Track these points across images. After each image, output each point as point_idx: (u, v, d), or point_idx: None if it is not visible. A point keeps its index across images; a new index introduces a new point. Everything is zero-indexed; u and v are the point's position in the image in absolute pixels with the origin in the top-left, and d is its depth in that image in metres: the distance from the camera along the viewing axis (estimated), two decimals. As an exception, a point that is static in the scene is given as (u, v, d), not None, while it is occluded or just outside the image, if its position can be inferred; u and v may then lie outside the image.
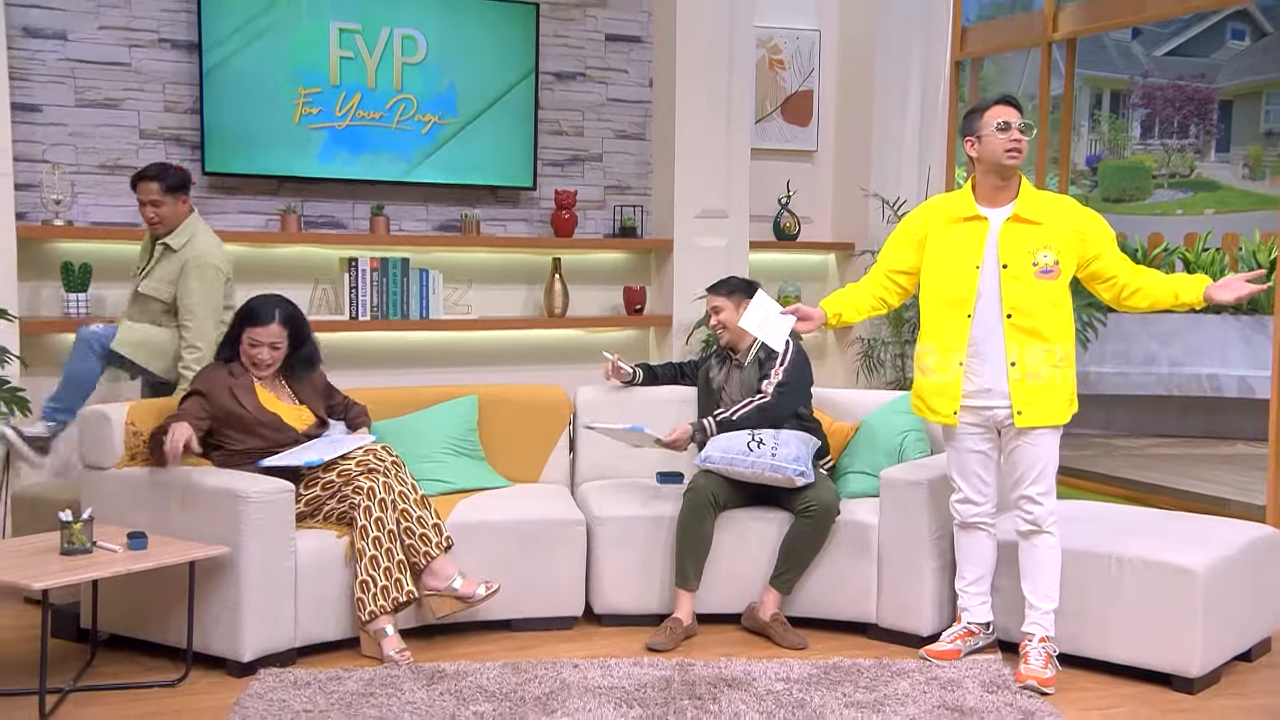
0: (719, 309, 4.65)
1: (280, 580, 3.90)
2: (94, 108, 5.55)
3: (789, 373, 4.49)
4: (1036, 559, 3.86)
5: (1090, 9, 6.20)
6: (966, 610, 4.08)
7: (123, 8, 5.57)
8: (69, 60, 5.51)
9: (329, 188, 5.97)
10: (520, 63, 6.17)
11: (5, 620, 4.45)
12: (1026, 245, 3.79)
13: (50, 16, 5.46)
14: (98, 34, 5.54)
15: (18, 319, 5.13)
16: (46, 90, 5.48)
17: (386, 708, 3.52)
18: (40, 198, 5.42)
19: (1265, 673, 4.07)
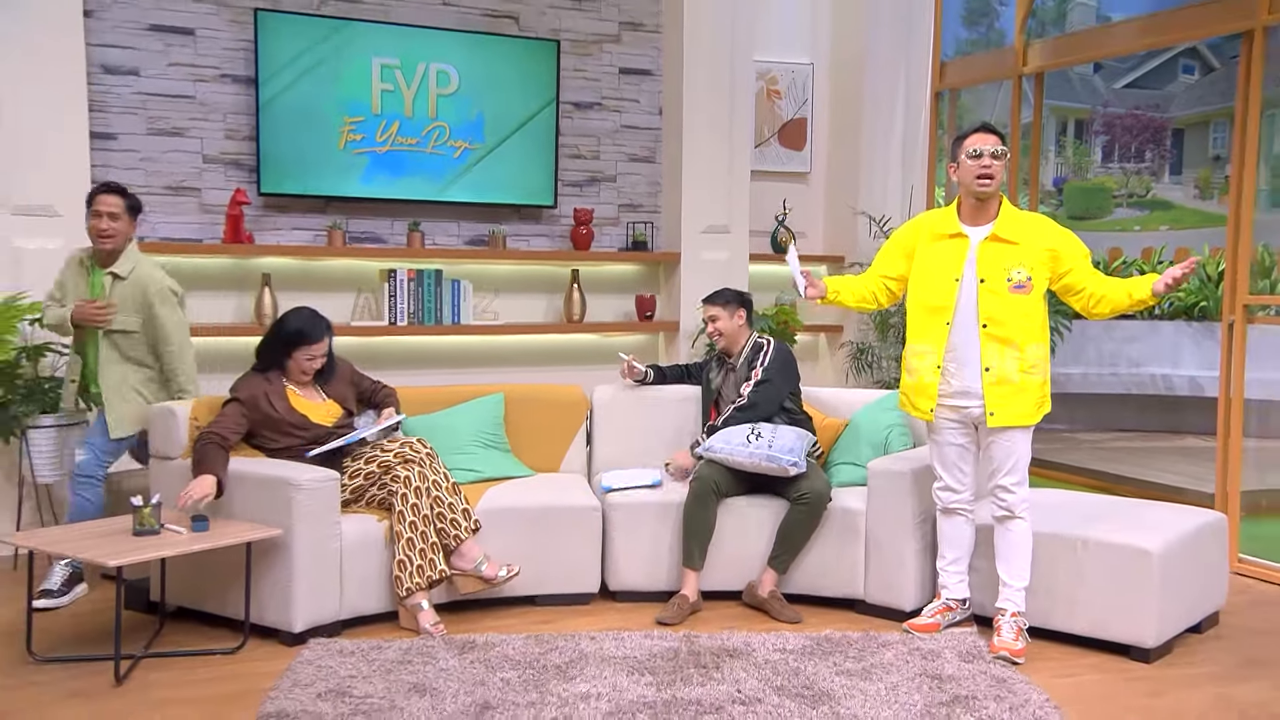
0: (715, 318, 4.63)
1: (327, 559, 3.91)
2: (163, 136, 5.56)
3: (768, 370, 4.49)
4: (1010, 542, 3.87)
5: (1056, 46, 6.18)
6: (946, 587, 4.08)
7: (189, 47, 5.58)
8: (141, 94, 5.52)
9: (371, 206, 5.97)
10: (542, 93, 6.17)
11: (84, 594, 4.47)
12: (1002, 262, 3.77)
13: (125, 55, 5.47)
14: (167, 70, 5.55)
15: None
16: (121, 120, 5.49)
17: (422, 674, 3.52)
18: (113, 215, 5.44)
19: (1213, 643, 4.06)
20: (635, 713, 3.24)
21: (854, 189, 6.85)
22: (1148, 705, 3.44)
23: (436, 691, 3.38)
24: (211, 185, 5.67)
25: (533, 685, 3.44)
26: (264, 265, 5.71)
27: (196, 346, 5.58)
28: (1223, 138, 9.10)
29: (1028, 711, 3.30)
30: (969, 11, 7.03)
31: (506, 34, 6.14)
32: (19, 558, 4.88)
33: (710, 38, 6.36)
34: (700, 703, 3.32)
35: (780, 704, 3.32)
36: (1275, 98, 5.67)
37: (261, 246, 5.65)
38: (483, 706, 3.28)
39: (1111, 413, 8.53)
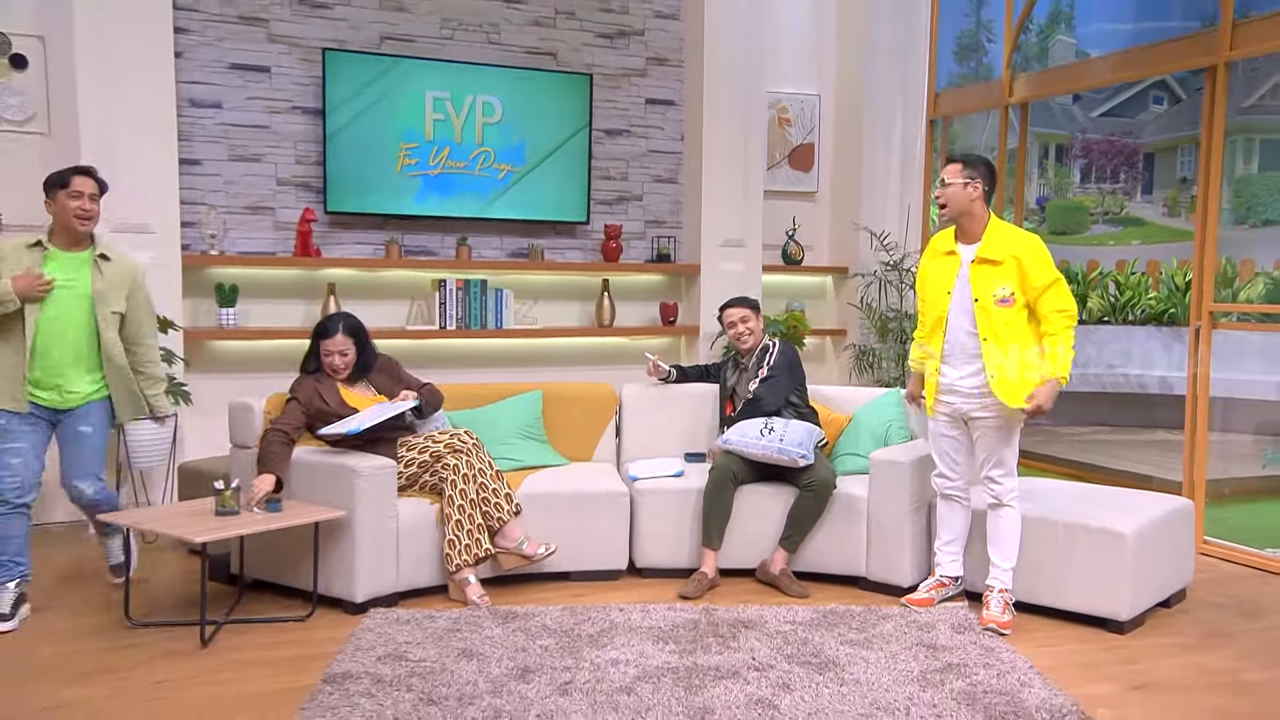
0: (748, 319, 4.61)
1: (385, 538, 3.92)
2: (242, 161, 5.61)
3: (773, 368, 4.48)
4: (999, 527, 3.85)
5: (1039, 79, 6.13)
6: (940, 565, 4.06)
7: (265, 83, 5.62)
8: (223, 124, 5.57)
9: (424, 223, 6.00)
10: (576, 121, 6.17)
11: (173, 567, 4.51)
12: (989, 282, 3.74)
13: (209, 90, 5.52)
14: (245, 104, 5.60)
15: (182, 329, 5.22)
16: (205, 148, 5.54)
17: (470, 640, 3.54)
18: (199, 233, 5.49)
19: (1181, 617, 4.02)
20: (660, 677, 3.24)
21: (856, 207, 6.81)
22: (1123, 672, 3.41)
23: (483, 656, 3.39)
24: (284, 205, 5.71)
25: (568, 651, 3.45)
26: (329, 276, 5.74)
27: (272, 349, 5.68)
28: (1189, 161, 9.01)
29: (1014, 677, 3.27)
30: (960, 47, 6.98)
31: (545, 69, 6.14)
32: (115, 534, 4.93)
33: (727, 71, 6.35)
34: (718, 668, 3.31)
35: (790, 670, 3.31)
36: (1236, 126, 5.61)
37: (327, 259, 5.68)
38: (523, 670, 3.28)
39: (1090, 409, 8.47)
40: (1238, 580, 4.54)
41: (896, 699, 3.10)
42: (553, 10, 6.21)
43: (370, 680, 3.18)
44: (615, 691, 3.12)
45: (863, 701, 3.08)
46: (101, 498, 3.90)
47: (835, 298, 7.05)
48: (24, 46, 5.17)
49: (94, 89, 5.00)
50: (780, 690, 3.15)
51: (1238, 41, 4.82)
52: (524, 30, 6.15)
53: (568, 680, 3.20)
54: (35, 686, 3.20)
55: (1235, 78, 5.07)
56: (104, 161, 4.99)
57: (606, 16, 6.35)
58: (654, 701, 3.05)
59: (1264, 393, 6.85)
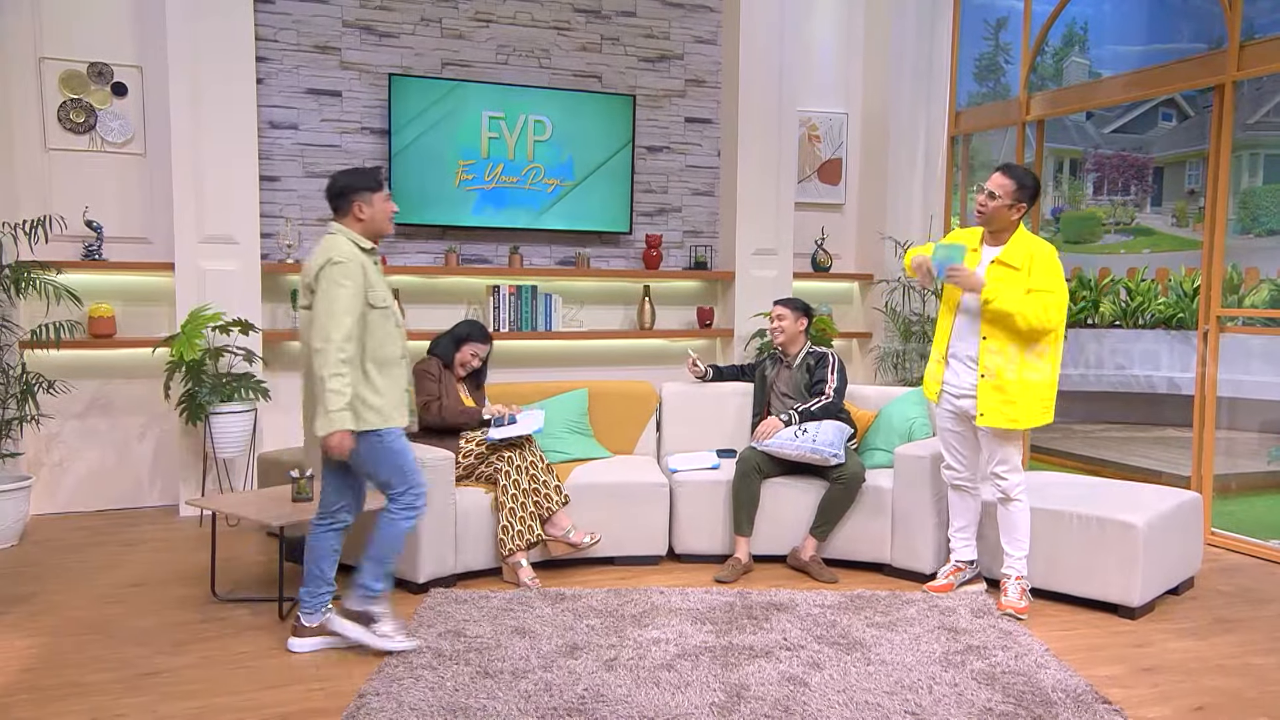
0: (782, 316, 4.56)
1: (445, 523, 3.95)
2: (316, 178, 5.67)
3: (839, 379, 4.45)
4: (1010, 520, 3.79)
5: (1054, 98, 6.03)
6: (954, 551, 4.02)
7: (336, 106, 5.68)
8: (299, 144, 5.64)
9: (479, 233, 6.03)
10: (621, 139, 6.17)
11: (254, 547, 4.58)
12: (1006, 285, 3.62)
13: (287, 113, 5.59)
14: (319, 125, 5.66)
15: (261, 331, 5.30)
16: (283, 166, 5.61)
17: (522, 619, 3.55)
18: (277, 243, 5.57)
19: (1189, 603, 3.94)
20: (698, 655, 3.23)
21: (881, 218, 6.75)
22: (1134, 654, 3.35)
23: (534, 634, 3.41)
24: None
25: (613, 630, 3.46)
26: (394, 282, 5.79)
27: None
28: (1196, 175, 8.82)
29: (1030, 659, 3.23)
30: (979, 68, 6.88)
31: (591, 90, 6.15)
32: (203, 518, 5.03)
33: (761, 92, 6.32)
34: (753, 648, 3.30)
35: (820, 650, 3.29)
36: (1242, 141, 5.49)
37: (392, 267, 5.73)
38: (572, 647, 3.30)
39: (1101, 407, 8.33)
40: (1243, 569, 4.44)
41: (920, 678, 3.07)
42: (599, 37, 6.22)
43: (432, 654, 3.21)
44: (656, 668, 3.12)
45: (888, 680, 3.05)
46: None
47: (861, 303, 6.99)
48: (124, 75, 5.28)
49: (185, 113, 5.09)
50: (811, 669, 3.13)
51: (1244, 62, 4.72)
52: (572, 55, 6.17)
53: (612, 657, 3.21)
54: (134, 653, 3.27)
55: (1241, 96, 4.96)
56: (192, 179, 5.11)
57: (649, 42, 6.35)
58: (693, 678, 3.04)
59: (1269, 393, 6.70)
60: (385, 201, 3.26)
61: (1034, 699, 2.93)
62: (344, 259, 3.07)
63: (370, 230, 3.25)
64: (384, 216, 3.26)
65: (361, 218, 3.22)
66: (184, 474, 5.20)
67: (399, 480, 3.25)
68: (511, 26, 6.01)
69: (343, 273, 3.04)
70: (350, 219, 3.23)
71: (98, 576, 4.12)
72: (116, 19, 5.25)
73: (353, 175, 3.25)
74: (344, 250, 3.11)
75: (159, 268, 5.24)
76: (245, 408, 4.98)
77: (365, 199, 3.22)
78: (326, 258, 3.07)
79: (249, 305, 5.24)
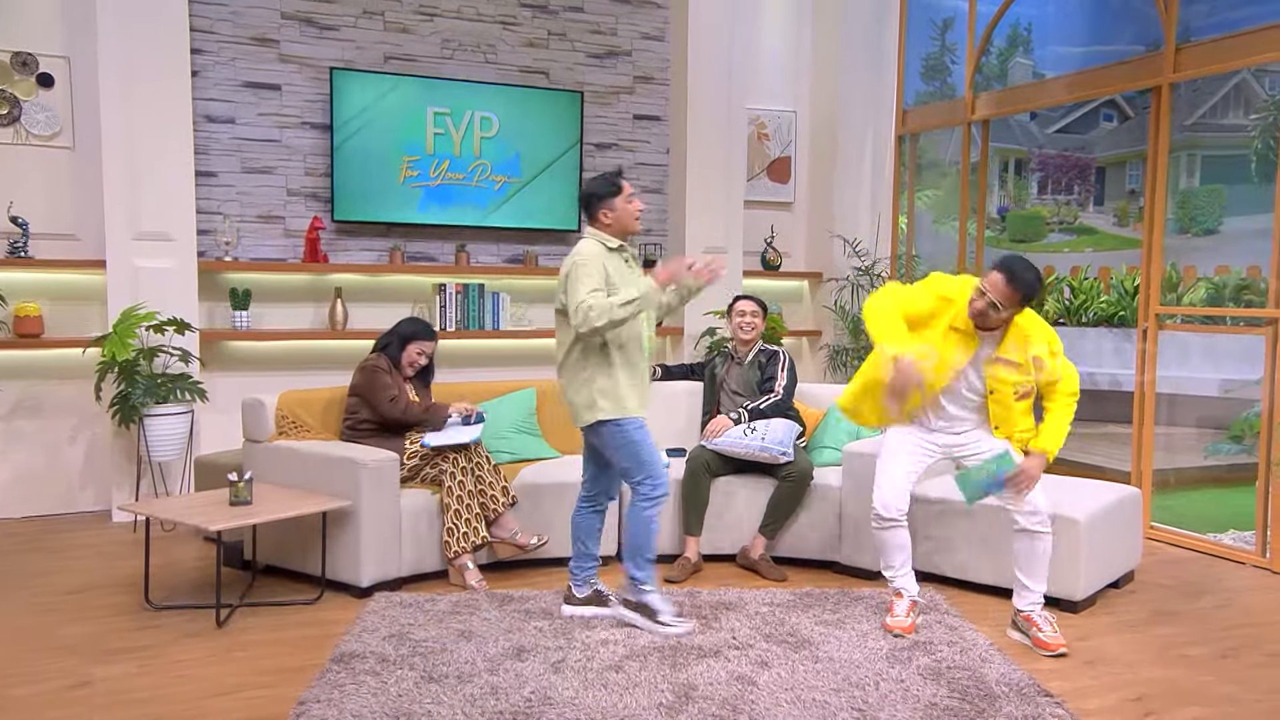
0: (756, 314, 4.59)
1: (389, 526, 3.92)
2: (254, 173, 5.58)
3: (789, 377, 4.49)
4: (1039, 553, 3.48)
5: (999, 98, 6.16)
6: (905, 590, 3.61)
7: (276, 100, 5.59)
8: (237, 139, 5.54)
9: (425, 231, 5.98)
10: (569, 136, 6.17)
11: (190, 553, 4.50)
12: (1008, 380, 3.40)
13: (224, 107, 5.49)
14: (257, 119, 5.57)
15: (198, 330, 5.20)
16: (221, 161, 5.51)
17: (468, 622, 3.53)
18: (215, 240, 5.46)
19: (1129, 596, 4.05)
20: (646, 656, 3.24)
21: (830, 216, 6.83)
22: (1076, 647, 3.43)
23: (480, 636, 3.39)
24: (294, 214, 5.69)
25: (560, 633, 3.45)
26: (336, 280, 5.72)
27: (282, 349, 5.66)
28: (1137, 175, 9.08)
29: (975, 654, 3.29)
30: (926, 68, 7.00)
31: (539, 86, 6.14)
32: (137, 523, 4.92)
33: (709, 89, 6.35)
34: (701, 647, 3.32)
35: (768, 649, 3.32)
36: (1180, 143, 5.66)
37: (335, 265, 5.67)
38: (519, 649, 3.29)
39: (1045, 404, 8.51)
40: (1182, 563, 4.57)
41: (866, 675, 3.11)
42: (546, 32, 6.21)
43: (375, 659, 3.18)
44: (604, 669, 3.12)
45: (835, 678, 3.09)
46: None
47: (811, 301, 7.07)
48: (50, 66, 5.14)
49: (116, 106, 4.97)
50: (759, 667, 3.16)
51: (1180, 65, 4.86)
52: (519, 51, 6.14)
53: (560, 659, 3.20)
54: (65, 664, 3.19)
55: (1179, 98, 5.11)
56: (124, 173, 4.99)
57: (596, 38, 6.34)
58: (641, 679, 3.05)
59: (1206, 389, 6.91)
60: (627, 203, 3.51)
61: (978, 693, 2.99)
62: (585, 259, 3.38)
63: (618, 230, 3.52)
64: (628, 216, 3.52)
65: (607, 221, 3.51)
66: (117, 478, 5.08)
67: (636, 469, 3.44)
68: (456, 20, 5.97)
69: (583, 270, 3.36)
70: (599, 223, 3.52)
71: (26, 584, 4.00)
72: (42, 7, 5.11)
73: (595, 183, 3.55)
74: (586, 251, 3.42)
75: (89, 265, 5.11)
76: (181, 409, 4.89)
77: (609, 204, 3.50)
78: (573, 261, 3.41)
79: (185, 304, 5.13)
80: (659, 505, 3.48)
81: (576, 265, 3.38)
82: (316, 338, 5.61)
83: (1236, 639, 3.57)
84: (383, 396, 4.10)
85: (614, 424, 3.40)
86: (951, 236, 6.55)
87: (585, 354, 3.41)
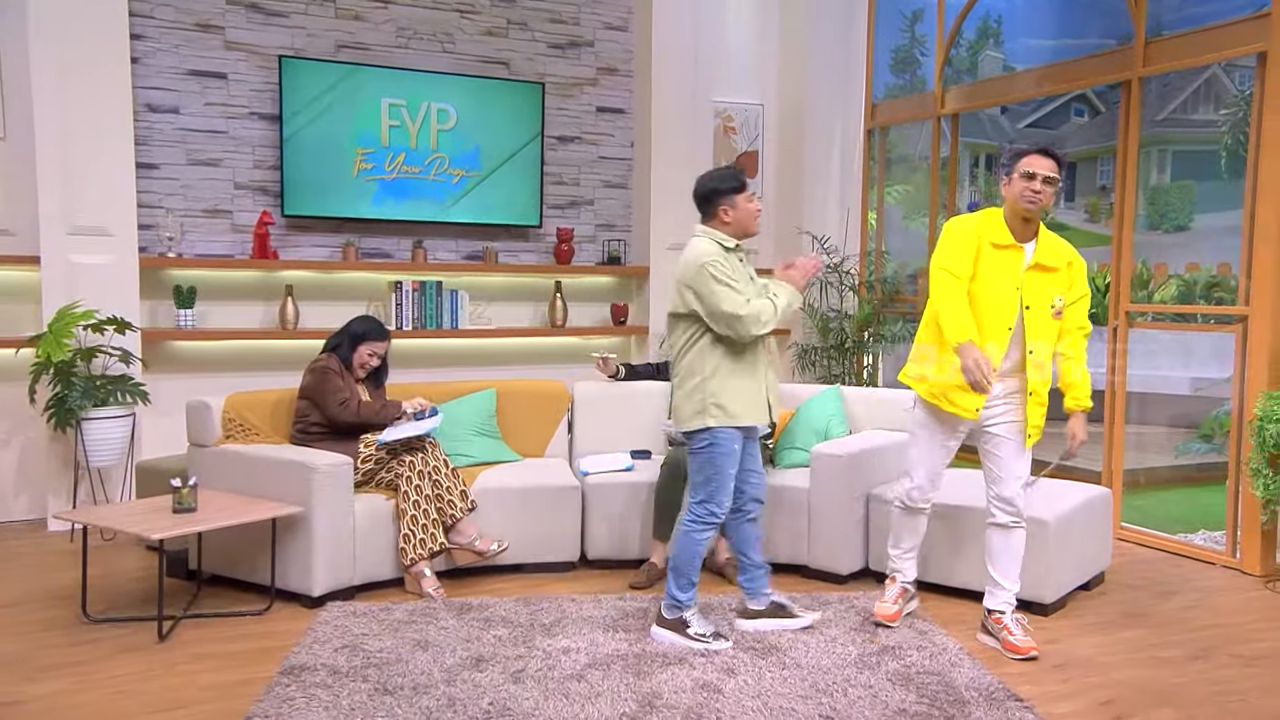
0: None
1: (342, 532, 3.88)
2: (199, 165, 5.51)
3: None
4: (1013, 547, 3.54)
5: (969, 91, 6.24)
6: (900, 573, 3.74)
7: (222, 89, 5.52)
8: (181, 129, 5.46)
9: (380, 226, 5.94)
10: (530, 128, 6.15)
11: (131, 563, 4.43)
12: (1045, 290, 3.38)
13: (167, 96, 5.41)
14: (203, 109, 5.50)
15: (140, 330, 5.12)
16: (163, 152, 5.43)
17: (425, 632, 3.51)
18: (158, 235, 5.38)
19: (1099, 599, 4.11)
20: (610, 664, 3.24)
21: (798, 212, 6.87)
22: (1047, 650, 3.48)
23: (438, 646, 3.37)
24: (241, 209, 5.62)
25: (521, 641, 3.44)
26: (287, 278, 5.66)
27: (230, 349, 5.59)
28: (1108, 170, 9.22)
29: (944, 658, 3.33)
30: (895, 61, 7.05)
31: (498, 77, 6.12)
32: (74, 532, 4.83)
33: (675, 81, 6.37)
34: (666, 655, 3.33)
35: (735, 655, 3.34)
36: (1151, 138, 5.75)
37: (285, 261, 5.61)
38: (477, 659, 3.27)
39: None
40: (1152, 563, 4.66)
41: (835, 680, 3.14)
42: (505, 21, 6.19)
43: (327, 671, 3.15)
44: (566, 679, 3.12)
45: (803, 684, 3.11)
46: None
47: (778, 299, 7.10)
48: (-21, 50, 5.03)
49: (50, 94, 4.88)
50: (725, 674, 3.17)
51: (1150, 58, 4.95)
52: (477, 40, 6.12)
53: (520, 669, 3.19)
54: (-8, 683, 3.12)
55: (1149, 92, 5.20)
56: (59, 165, 4.90)
57: (557, 27, 6.34)
58: (604, 688, 3.05)
59: (1176, 388, 7.03)
60: (749, 202, 3.46)
61: (947, 698, 3.02)
62: (713, 259, 3.33)
63: (736, 231, 3.45)
64: (749, 216, 3.45)
65: (727, 220, 3.43)
66: (53, 485, 4.98)
67: (702, 488, 3.42)
68: (412, 8, 5.93)
69: (717, 271, 3.31)
70: (716, 221, 3.44)
71: (-46, 599, 3.92)
72: (-27, -11, 5.01)
73: (717, 178, 3.46)
74: (708, 250, 3.36)
75: (22, 261, 5.01)
76: (122, 412, 4.81)
77: (730, 201, 3.42)
78: (698, 264, 3.33)
79: (126, 302, 5.05)
80: (708, 532, 3.45)
81: (705, 267, 3.31)
82: (266, 337, 5.55)
83: (1207, 640, 3.64)
84: (332, 400, 4.06)
85: (712, 434, 3.36)
86: (922, 233, 6.62)
87: (702, 355, 3.38)
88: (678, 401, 3.46)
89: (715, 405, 3.36)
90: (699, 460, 3.43)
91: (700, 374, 3.38)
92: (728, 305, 3.28)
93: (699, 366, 3.38)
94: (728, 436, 3.38)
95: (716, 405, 3.36)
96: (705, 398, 3.37)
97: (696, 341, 3.39)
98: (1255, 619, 3.89)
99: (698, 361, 3.39)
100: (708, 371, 3.37)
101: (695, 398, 3.38)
